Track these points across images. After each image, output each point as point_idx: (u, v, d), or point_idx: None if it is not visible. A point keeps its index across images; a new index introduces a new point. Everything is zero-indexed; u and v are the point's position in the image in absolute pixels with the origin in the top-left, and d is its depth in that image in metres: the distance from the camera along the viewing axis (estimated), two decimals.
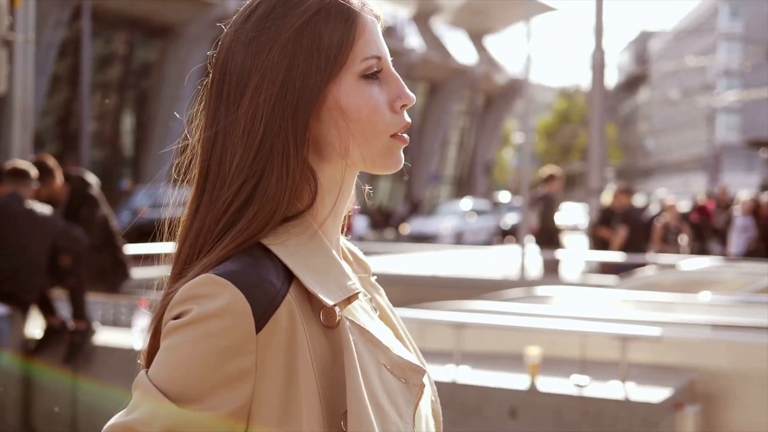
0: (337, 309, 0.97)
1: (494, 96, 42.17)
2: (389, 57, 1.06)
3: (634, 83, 78.73)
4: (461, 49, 39.96)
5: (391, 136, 1.04)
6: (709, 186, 35.61)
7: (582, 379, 4.31)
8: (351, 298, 1.00)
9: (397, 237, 25.70)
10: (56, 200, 5.22)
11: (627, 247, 10.38)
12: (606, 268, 10.81)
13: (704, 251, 12.39)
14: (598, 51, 15.78)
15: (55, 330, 5.24)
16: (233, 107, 1.01)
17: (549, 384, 4.30)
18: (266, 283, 0.94)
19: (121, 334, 5.41)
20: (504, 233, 23.83)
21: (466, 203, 26.78)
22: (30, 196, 4.94)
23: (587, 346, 4.67)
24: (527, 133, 11.40)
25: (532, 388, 4.29)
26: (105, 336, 5.33)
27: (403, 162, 1.06)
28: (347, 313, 1.01)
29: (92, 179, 5.42)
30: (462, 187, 40.96)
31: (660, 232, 11.59)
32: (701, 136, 57.96)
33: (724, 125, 59.88)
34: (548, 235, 10.78)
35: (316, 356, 0.95)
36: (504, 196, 31.85)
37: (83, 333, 5.22)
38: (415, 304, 5.44)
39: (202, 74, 1.10)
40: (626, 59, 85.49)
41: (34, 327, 5.37)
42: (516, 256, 11.26)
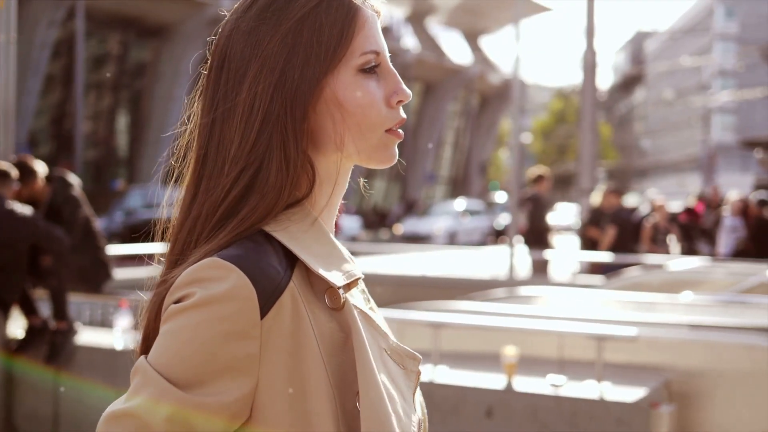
0: (341, 291, 0.98)
1: (489, 96, 42.20)
2: (387, 53, 1.07)
3: (630, 83, 78.80)
4: (456, 50, 39.98)
5: (387, 131, 1.05)
6: (705, 186, 35.67)
7: (558, 379, 4.32)
8: (352, 283, 1.01)
9: (391, 237, 25.72)
10: (37, 201, 5.23)
11: (616, 248, 10.41)
12: (595, 269, 10.84)
13: (693, 251, 12.42)
14: (590, 51, 15.82)
15: (37, 330, 5.25)
16: (231, 95, 1.01)
17: (525, 384, 4.32)
18: (271, 269, 0.94)
19: (103, 334, 5.43)
20: (498, 233, 23.85)
21: (460, 203, 26.81)
22: (11, 197, 4.95)
23: (565, 346, 4.69)
24: (517, 134, 11.41)
25: (509, 388, 4.30)
26: (86, 336, 5.34)
27: (397, 158, 1.08)
28: (351, 297, 1.02)
29: (74, 180, 5.43)
30: (457, 188, 40.99)
31: (649, 233, 11.63)
32: (697, 136, 58.05)
33: (720, 125, 59.96)
34: (537, 236, 10.79)
35: (323, 339, 0.96)
36: (500, 197, 31.86)
37: (65, 333, 5.23)
38: (397, 304, 5.46)
39: (197, 74, 1.11)
40: (622, 59, 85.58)
41: (16, 327, 5.38)
42: (516, 257, 11.28)
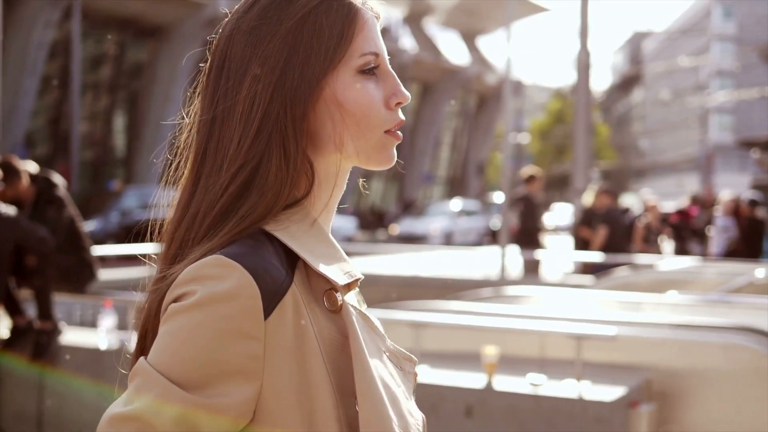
0: (338, 294, 0.99)
1: (487, 96, 42.21)
2: (387, 55, 1.08)
3: (628, 84, 78.82)
4: (453, 50, 39.99)
5: (385, 132, 1.05)
6: (703, 186, 35.69)
7: (538, 378, 4.34)
8: (352, 284, 1.01)
9: (387, 238, 25.73)
10: (22, 201, 5.25)
11: (607, 248, 10.43)
12: (587, 269, 10.85)
13: (684, 252, 12.44)
14: (584, 51, 15.84)
15: (22, 329, 5.27)
16: (231, 94, 1.02)
17: (505, 383, 4.34)
18: (274, 269, 0.94)
19: (87, 334, 5.45)
20: (494, 234, 23.84)
21: (456, 204, 26.81)
22: None
23: (546, 346, 4.71)
24: (510, 135, 11.43)
25: (488, 388, 4.32)
26: (71, 336, 5.36)
27: (396, 159, 1.08)
28: (348, 299, 1.02)
29: (58, 180, 5.45)
30: (455, 188, 40.99)
31: (642, 233, 11.65)
32: (695, 137, 58.07)
33: (718, 125, 59.99)
34: (529, 236, 10.82)
35: (324, 341, 0.96)
36: (498, 197, 31.83)
37: (49, 333, 5.25)
38: (381, 303, 5.48)
39: (195, 73, 1.12)
40: (620, 59, 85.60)
41: (1, 327, 5.40)
42: (507, 257, 11.30)
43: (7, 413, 5.37)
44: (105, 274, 5.87)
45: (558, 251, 14.36)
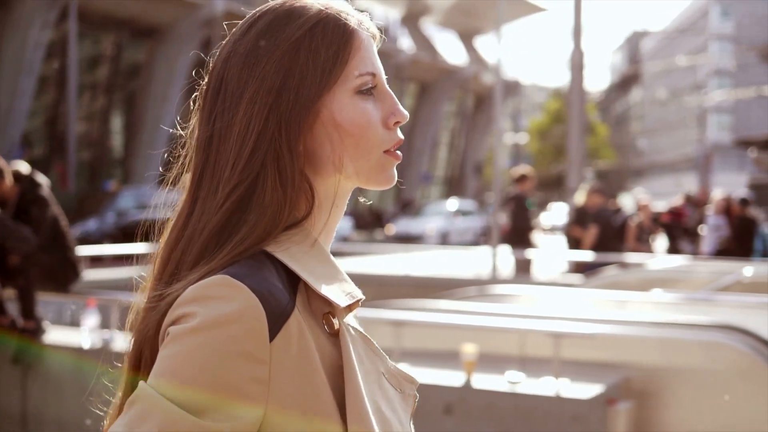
0: (335, 319, 0.98)
1: (484, 96, 42.22)
2: (384, 74, 1.08)
3: (627, 83, 78.84)
4: (451, 50, 40.00)
5: (384, 152, 1.05)
6: (700, 185, 35.70)
7: (516, 376, 4.35)
8: (353, 305, 1.01)
9: (384, 238, 25.74)
10: (5, 200, 5.26)
11: (598, 247, 10.44)
12: (579, 268, 10.87)
13: (675, 250, 12.45)
14: (577, 51, 15.87)
15: (5, 329, 5.28)
16: (228, 116, 1.02)
17: (484, 381, 4.35)
18: (278, 291, 0.94)
19: (71, 334, 5.46)
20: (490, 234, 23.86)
21: (452, 204, 26.82)
22: None
23: (526, 344, 4.72)
24: (501, 136, 11.45)
25: (467, 386, 4.33)
26: (54, 335, 5.37)
27: (396, 179, 1.08)
28: (349, 320, 1.02)
29: (42, 180, 5.46)
30: (453, 188, 41.00)
31: (634, 232, 11.67)
32: (693, 136, 58.06)
33: (716, 125, 59.99)
34: (520, 235, 10.82)
35: (326, 363, 0.95)
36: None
37: (33, 332, 5.26)
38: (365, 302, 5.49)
39: (191, 75, 1.12)
40: (619, 59, 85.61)
41: None
42: (498, 256, 11.33)
43: None
44: (90, 274, 5.88)
45: (549, 250, 14.38)
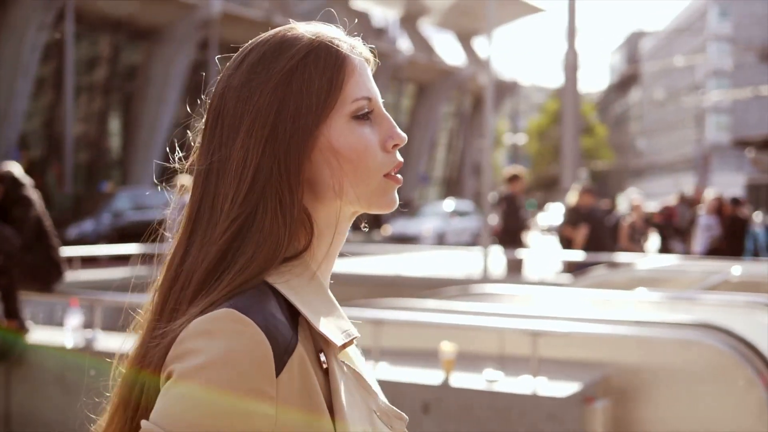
0: (322, 356, 0.97)
1: (482, 97, 42.23)
2: (380, 98, 1.08)
3: (626, 84, 78.85)
4: (449, 51, 40.03)
5: (384, 176, 1.05)
6: (696, 185, 35.69)
7: (494, 375, 4.36)
8: (348, 343, 1.01)
9: (381, 239, 25.73)
10: None
11: (590, 246, 10.46)
12: (572, 267, 10.89)
13: (667, 250, 12.47)
14: (571, 52, 15.89)
15: None
16: (225, 150, 1.02)
17: (462, 379, 4.37)
18: (282, 326, 0.93)
19: (54, 333, 5.48)
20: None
21: (449, 204, 26.82)
22: None
23: (505, 343, 4.73)
24: (487, 138, 11.47)
25: (445, 384, 4.34)
26: (37, 335, 5.39)
27: (398, 203, 1.08)
28: (343, 357, 1.02)
29: (26, 179, 5.48)
30: (451, 189, 41.01)
31: (627, 232, 11.70)
32: (692, 136, 58.08)
33: (714, 125, 60.01)
34: (512, 235, 10.84)
35: (325, 398, 0.95)
36: (493, 197, 31.80)
37: (16, 332, 5.28)
38: (346, 302, 5.51)
39: (188, 76, 1.11)
40: (618, 60, 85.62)
41: None
42: (490, 257, 11.35)
43: None
44: (82, 275, 5.89)
45: (541, 251, 14.40)
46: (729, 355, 4.45)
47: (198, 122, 1.11)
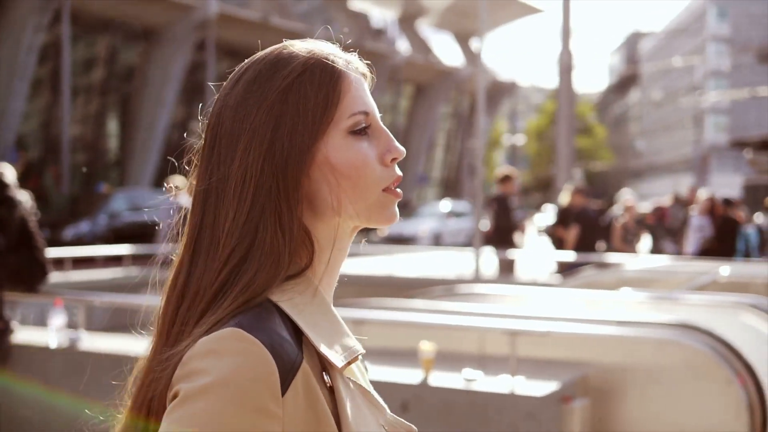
0: (326, 375, 0.97)
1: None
2: (377, 112, 1.08)
3: (625, 84, 78.86)
4: (447, 51, 40.06)
5: (383, 190, 1.05)
6: (692, 186, 35.69)
7: (472, 374, 4.38)
8: (352, 360, 1.01)
9: (378, 239, 25.74)
10: None
11: (581, 247, 10.48)
12: (564, 268, 10.91)
13: (658, 251, 12.49)
14: (565, 53, 15.91)
15: None
16: (224, 169, 1.02)
17: (441, 379, 4.39)
18: (287, 344, 0.94)
19: (37, 333, 5.50)
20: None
21: (445, 205, 26.83)
22: None
23: (486, 342, 4.75)
24: (478, 138, 11.49)
25: (424, 383, 4.36)
26: (21, 335, 5.40)
27: (398, 217, 1.08)
28: (348, 373, 1.03)
29: (10, 180, 5.48)
30: (449, 189, 41.04)
31: (619, 232, 11.71)
32: (691, 137, 58.12)
33: (713, 126, 60.02)
34: (503, 236, 10.86)
35: (332, 415, 0.96)
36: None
37: (1, 332, 5.28)
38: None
39: (185, 77, 1.12)
40: (617, 60, 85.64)
41: None
42: (481, 257, 11.37)
43: None
44: (74, 275, 5.91)
45: (532, 251, 14.42)
46: (707, 355, 4.47)
47: (195, 123, 1.12)
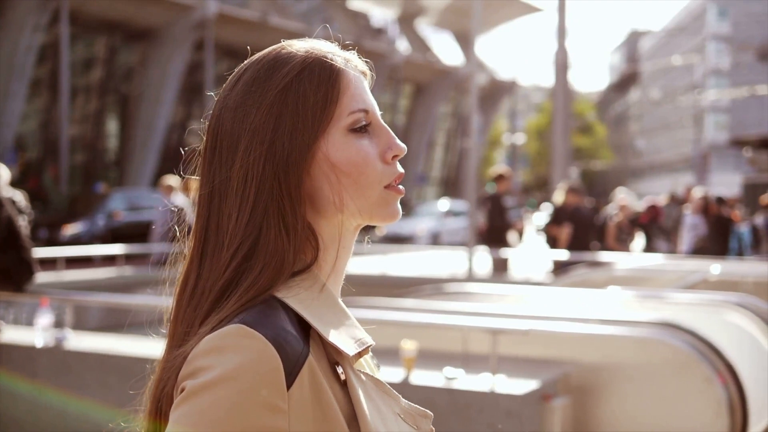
0: (339, 368, 0.98)
1: (480, 97, 42.24)
2: (377, 110, 1.08)
3: (626, 83, 78.82)
4: (446, 51, 40.07)
5: (385, 187, 1.05)
6: (689, 185, 35.67)
7: (453, 372, 4.40)
8: (363, 351, 1.01)
9: (377, 239, 25.76)
10: None
11: (575, 245, 10.49)
12: (559, 266, 10.92)
13: (652, 249, 12.50)
14: (561, 51, 15.90)
15: None
16: (225, 171, 1.03)
17: (422, 377, 4.41)
18: (292, 339, 0.94)
19: (25, 333, 5.52)
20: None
21: (443, 204, 26.83)
22: None
23: (469, 341, 4.77)
24: (472, 137, 11.51)
25: (405, 381, 4.38)
26: (8, 334, 5.43)
27: (401, 214, 1.08)
28: (359, 366, 1.03)
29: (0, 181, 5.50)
30: (449, 189, 41.04)
31: (614, 232, 11.72)
32: (691, 136, 58.08)
33: (713, 125, 59.99)
34: (496, 235, 10.88)
35: (342, 410, 0.96)
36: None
37: None
38: None
39: (183, 77, 1.12)
40: (617, 59, 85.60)
41: None
42: (475, 256, 11.40)
43: None
44: (68, 275, 5.92)
45: (526, 250, 14.44)
46: (688, 354, 4.49)
47: (194, 123, 1.13)
